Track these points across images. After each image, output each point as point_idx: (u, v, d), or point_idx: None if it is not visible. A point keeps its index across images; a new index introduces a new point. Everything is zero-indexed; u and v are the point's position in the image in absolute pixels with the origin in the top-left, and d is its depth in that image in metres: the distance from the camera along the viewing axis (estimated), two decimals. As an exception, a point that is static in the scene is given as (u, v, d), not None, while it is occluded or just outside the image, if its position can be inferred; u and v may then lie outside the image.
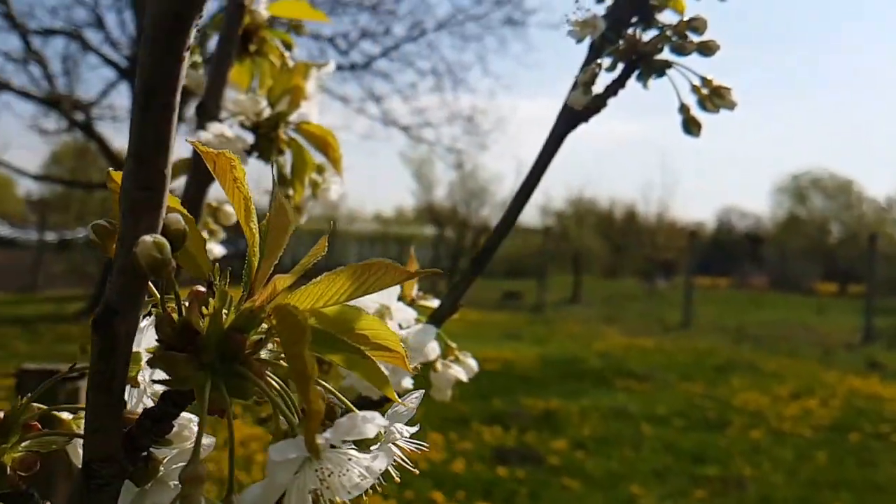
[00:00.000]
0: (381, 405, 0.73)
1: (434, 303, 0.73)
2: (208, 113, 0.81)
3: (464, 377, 0.69)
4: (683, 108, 0.64)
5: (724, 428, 4.99)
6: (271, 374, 0.34)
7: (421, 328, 0.64)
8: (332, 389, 0.37)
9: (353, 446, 0.32)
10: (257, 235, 0.35)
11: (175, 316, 0.33)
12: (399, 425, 0.34)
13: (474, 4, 10.09)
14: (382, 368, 0.36)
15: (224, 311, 0.34)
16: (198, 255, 0.36)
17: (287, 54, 0.87)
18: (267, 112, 0.84)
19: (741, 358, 7.90)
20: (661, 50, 0.63)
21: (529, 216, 20.39)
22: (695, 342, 9.09)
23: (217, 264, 0.35)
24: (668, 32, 0.62)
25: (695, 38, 0.61)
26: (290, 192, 0.83)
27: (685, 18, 0.61)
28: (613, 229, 18.41)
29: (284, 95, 0.84)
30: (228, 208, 0.87)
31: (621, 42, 0.62)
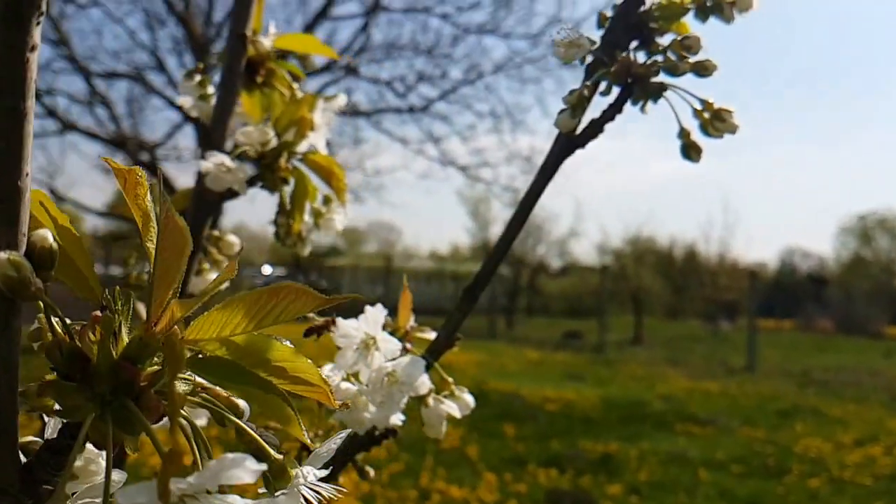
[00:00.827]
0: (379, 442, 0.70)
1: (431, 335, 0.70)
2: (213, 143, 0.81)
3: (457, 413, 0.66)
4: (683, 133, 0.61)
5: (783, 475, 4.76)
6: (183, 410, 0.32)
7: (409, 360, 0.61)
8: (253, 428, 0.34)
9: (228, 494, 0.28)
10: (153, 255, 0.33)
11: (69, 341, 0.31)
12: (308, 469, 0.32)
13: (531, 47, 10.08)
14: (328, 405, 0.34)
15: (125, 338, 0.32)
16: (89, 277, 0.34)
17: (296, 86, 0.87)
18: (274, 143, 0.83)
19: (805, 403, 7.56)
20: (657, 72, 0.60)
21: (587, 254, 20.16)
22: (759, 386, 8.75)
23: (118, 288, 0.34)
24: (660, 54, 0.59)
25: (690, 58, 0.58)
26: (290, 220, 0.82)
27: (678, 37, 0.58)
28: (674, 269, 18.00)
29: (291, 126, 0.83)
30: (231, 238, 0.86)
31: (614, 65, 0.59)
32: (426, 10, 10.09)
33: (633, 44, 0.63)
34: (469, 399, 0.68)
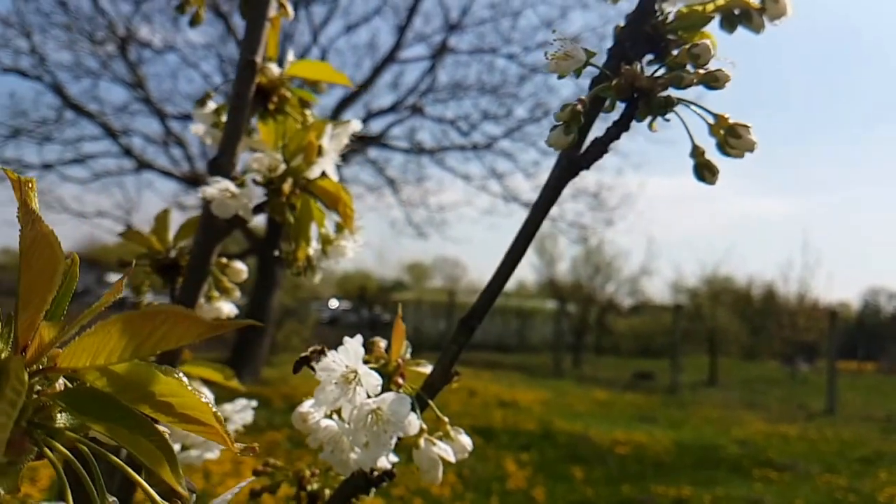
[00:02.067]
0: (377, 484, 0.65)
1: (427, 369, 0.66)
2: (221, 169, 0.80)
3: (451, 457, 0.61)
4: (696, 152, 0.55)
5: (867, 527, 4.44)
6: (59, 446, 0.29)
7: (395, 397, 0.57)
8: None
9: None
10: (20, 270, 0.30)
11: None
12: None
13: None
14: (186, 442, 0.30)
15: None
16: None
17: (308, 112, 0.85)
18: (282, 169, 0.81)
19: (890, 449, 7.10)
20: (664, 86, 0.54)
21: (660, 293, 19.65)
22: (839, 431, 8.28)
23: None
24: (670, 65, 0.54)
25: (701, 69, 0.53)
26: (295, 247, 0.79)
27: (685, 46, 0.52)
28: (751, 309, 17.34)
29: (299, 152, 0.81)
30: (238, 264, 0.84)
31: (617, 78, 0.55)
32: (493, 50, 10.17)
33: (648, 57, 0.59)
34: (466, 441, 0.63)
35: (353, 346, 0.57)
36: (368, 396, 0.57)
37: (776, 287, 17.19)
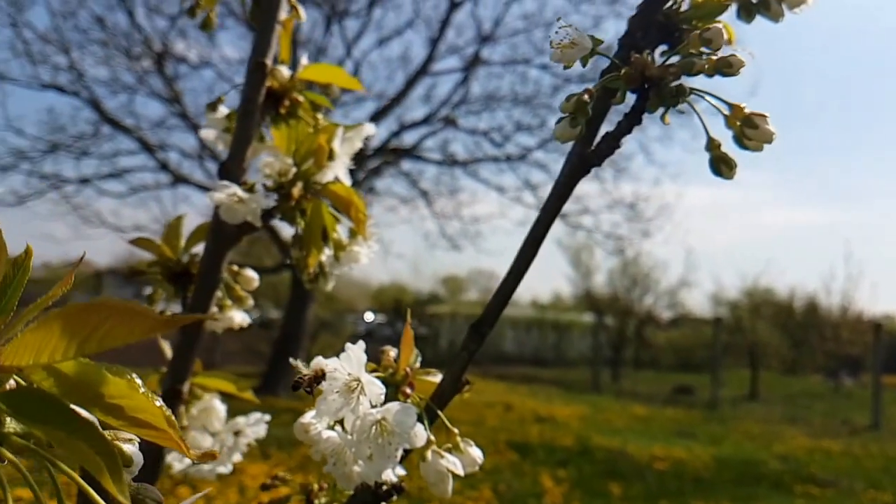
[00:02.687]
0: (385, 499, 0.63)
1: (436, 378, 0.63)
2: (231, 174, 0.79)
3: (459, 470, 0.58)
4: (711, 144, 0.52)
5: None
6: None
7: (400, 407, 0.54)
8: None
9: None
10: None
11: None
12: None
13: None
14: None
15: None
16: None
17: (320, 116, 0.84)
18: (293, 173, 0.80)
19: (937, 466, 6.85)
20: (676, 75, 0.51)
21: (699, 305, 19.31)
22: (885, 446, 8.01)
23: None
24: (682, 53, 0.51)
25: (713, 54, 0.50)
26: (305, 253, 0.77)
27: (697, 31, 0.50)
28: (793, 321, 16.91)
29: (310, 156, 0.80)
30: (249, 272, 0.83)
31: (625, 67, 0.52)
32: (526, 61, 10.15)
33: (662, 48, 0.56)
34: (476, 454, 0.60)
35: (355, 353, 0.54)
36: (372, 406, 0.55)
37: (819, 299, 16.77)
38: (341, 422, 0.56)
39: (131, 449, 0.35)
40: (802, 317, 17.06)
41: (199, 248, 0.83)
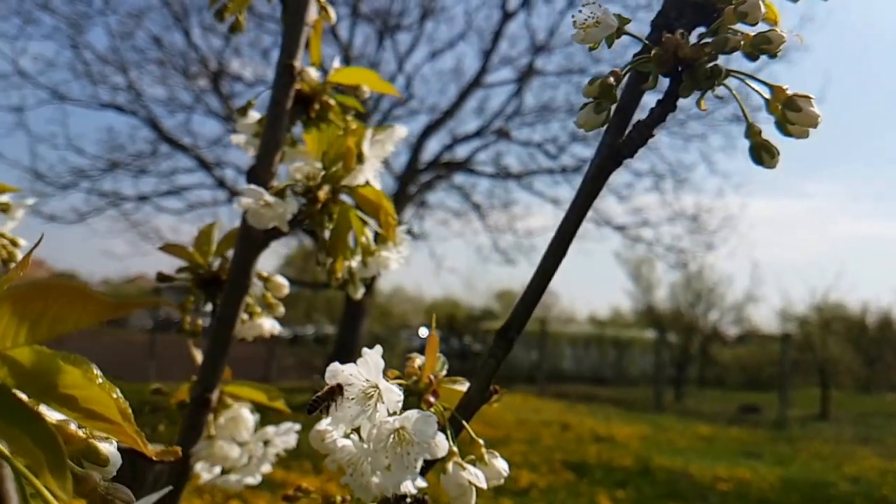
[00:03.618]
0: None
1: (463, 387, 0.60)
2: (259, 179, 0.77)
3: (482, 483, 0.54)
4: (751, 131, 0.48)
5: None
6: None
7: (420, 415, 0.51)
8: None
9: None
10: None
11: None
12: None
13: (695, 103, 9.65)
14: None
15: None
16: None
17: (350, 118, 0.82)
18: (320, 176, 0.78)
19: None
20: (713, 55, 0.47)
21: (767, 321, 18.72)
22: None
23: None
24: (716, 31, 0.47)
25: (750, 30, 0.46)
26: (332, 258, 0.75)
27: (733, 4, 0.46)
28: (866, 337, 16.22)
29: (339, 159, 0.78)
30: (279, 279, 0.81)
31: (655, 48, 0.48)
32: (581, 71, 10.07)
33: (699, 30, 0.52)
34: (501, 466, 0.57)
35: (372, 357, 0.52)
36: (390, 414, 0.52)
37: (893, 314, 16.07)
38: (358, 430, 0.53)
39: (108, 448, 0.33)
40: (876, 332, 16.35)
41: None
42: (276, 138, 0.78)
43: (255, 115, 0.84)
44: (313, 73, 0.79)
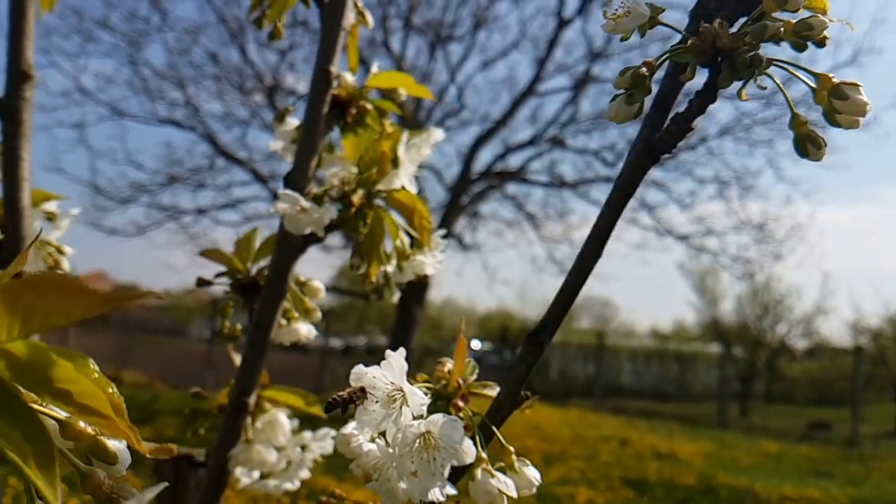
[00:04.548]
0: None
1: (494, 391, 0.58)
2: (295, 183, 0.77)
3: (512, 492, 0.52)
4: (795, 121, 0.45)
5: None
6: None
7: (446, 420, 0.50)
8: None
9: None
10: None
11: None
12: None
13: (763, 108, 9.35)
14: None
15: None
16: None
17: (386, 122, 0.82)
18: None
19: None
20: (752, 45, 0.45)
21: (838, 333, 18.04)
22: None
23: None
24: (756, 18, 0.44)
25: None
26: (366, 263, 0.74)
27: (771, -11, 0.43)
28: (944, 351, 15.48)
29: (374, 163, 0.77)
30: (315, 283, 0.81)
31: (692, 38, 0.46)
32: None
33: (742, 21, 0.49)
34: (532, 475, 0.54)
35: (396, 360, 0.50)
36: (414, 418, 0.50)
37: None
38: (384, 434, 0.52)
39: (116, 445, 0.32)
40: (955, 347, 15.57)
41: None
42: (313, 143, 0.78)
43: (292, 122, 0.84)
44: (349, 78, 0.79)
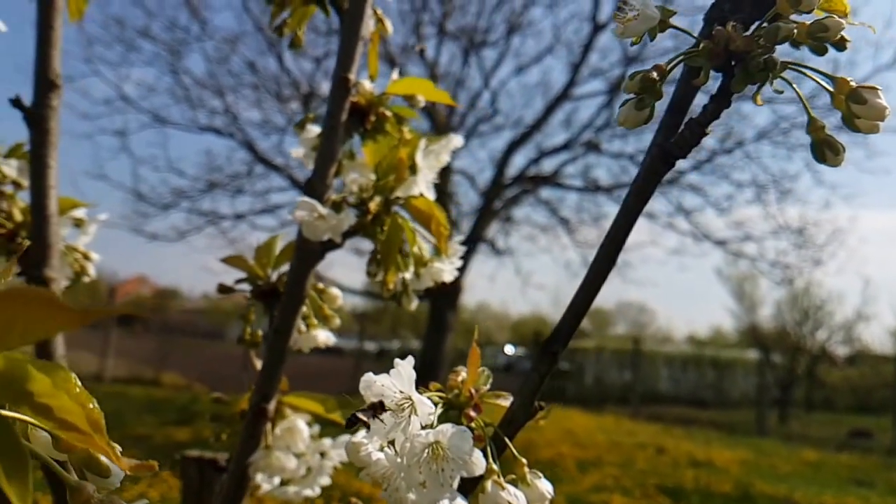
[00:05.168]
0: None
1: (507, 402, 0.57)
2: (315, 191, 0.77)
3: (522, 505, 0.51)
4: (813, 126, 0.44)
5: None
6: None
7: (455, 430, 0.49)
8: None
9: None
10: None
11: None
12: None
13: (800, 112, 9.19)
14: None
15: None
16: None
17: (405, 129, 0.81)
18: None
19: None
20: (766, 48, 0.44)
21: (879, 340, 17.58)
22: None
23: None
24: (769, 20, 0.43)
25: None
26: (382, 270, 0.74)
27: (785, -10, 0.42)
28: None
29: (391, 170, 0.77)
30: (334, 290, 0.81)
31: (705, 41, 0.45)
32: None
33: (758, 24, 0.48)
34: (545, 488, 0.54)
35: (404, 368, 0.50)
36: (423, 427, 0.50)
37: None
38: (393, 443, 0.52)
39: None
40: None
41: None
42: (332, 151, 0.78)
43: (314, 129, 0.85)
44: (368, 86, 0.79)
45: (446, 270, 0.76)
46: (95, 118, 9.91)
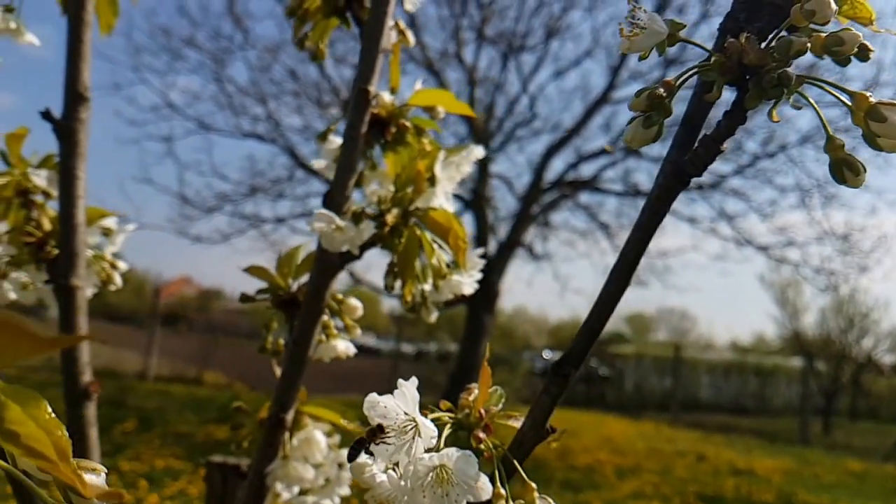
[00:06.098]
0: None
1: (518, 422, 0.56)
2: (334, 202, 0.78)
3: (531, 531, 0.50)
4: (831, 145, 0.42)
5: None
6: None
7: (460, 454, 0.48)
8: None
9: None
10: None
11: None
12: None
13: (843, 115, 8.95)
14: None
15: None
16: None
17: (425, 140, 0.81)
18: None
19: None
20: (781, 61, 0.42)
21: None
22: None
23: None
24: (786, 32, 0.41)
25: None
26: (400, 282, 0.74)
27: (799, 3, 0.40)
28: None
29: (410, 182, 0.77)
30: (353, 301, 0.81)
31: (716, 55, 0.43)
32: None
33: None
34: (555, 512, 0.52)
35: (408, 389, 0.49)
36: (426, 450, 0.49)
37: None
38: (398, 465, 0.51)
39: (94, 480, 0.33)
40: None
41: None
42: (351, 162, 0.78)
43: (336, 140, 0.85)
44: (387, 97, 0.79)
45: (466, 283, 0.75)
46: (142, 124, 10.14)
